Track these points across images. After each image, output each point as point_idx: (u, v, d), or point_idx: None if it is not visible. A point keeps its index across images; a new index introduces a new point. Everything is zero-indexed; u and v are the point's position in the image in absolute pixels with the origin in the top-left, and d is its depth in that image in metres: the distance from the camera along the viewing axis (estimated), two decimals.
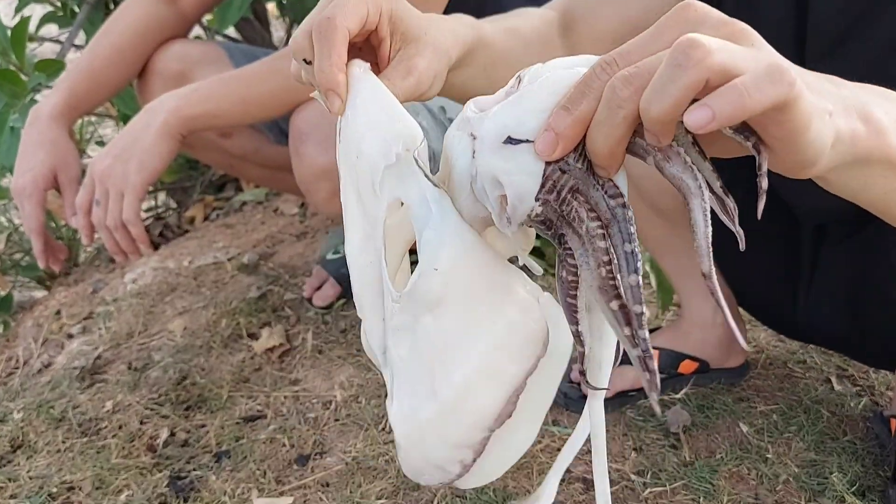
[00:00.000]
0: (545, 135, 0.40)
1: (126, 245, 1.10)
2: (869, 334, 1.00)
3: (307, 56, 0.52)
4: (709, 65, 0.36)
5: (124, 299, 1.64)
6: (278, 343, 1.41)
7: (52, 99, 1.22)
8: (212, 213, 2.09)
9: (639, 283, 0.40)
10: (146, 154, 1.07)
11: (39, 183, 1.16)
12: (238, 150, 1.44)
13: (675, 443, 1.09)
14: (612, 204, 0.41)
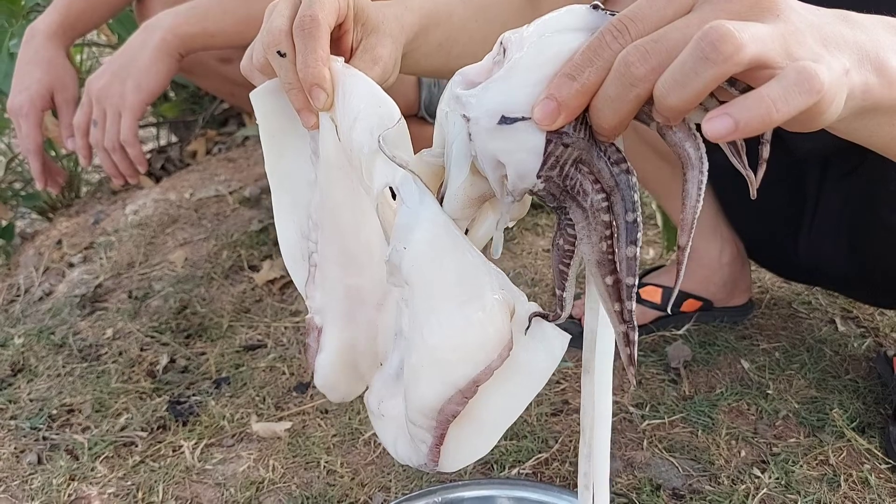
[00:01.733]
0: (545, 102, 0.38)
1: (124, 167, 1.09)
2: (870, 269, 0.99)
3: (283, 49, 0.52)
4: (738, 61, 0.33)
5: (125, 230, 1.63)
6: (279, 275, 1.40)
7: (48, 17, 1.19)
8: (214, 147, 2.07)
9: (636, 255, 0.39)
10: (143, 73, 1.05)
11: (36, 102, 1.13)
12: (239, 76, 1.40)
13: (675, 377, 1.08)
14: (615, 171, 0.40)
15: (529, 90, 0.38)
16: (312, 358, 0.56)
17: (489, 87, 0.40)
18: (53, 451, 1.05)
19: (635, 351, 0.42)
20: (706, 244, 1.14)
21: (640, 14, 0.37)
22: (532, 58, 0.39)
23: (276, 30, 0.52)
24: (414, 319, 0.45)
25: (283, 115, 0.54)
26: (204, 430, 1.05)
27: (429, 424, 0.46)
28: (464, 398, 0.44)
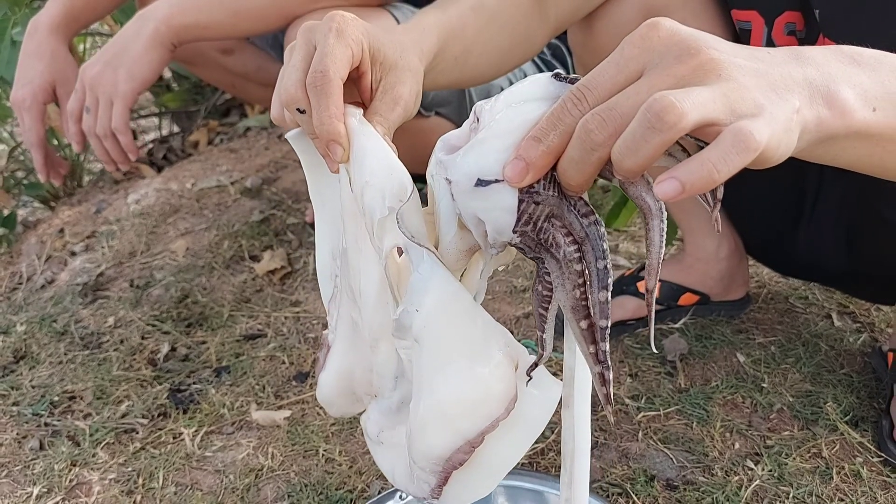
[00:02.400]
0: (515, 163, 0.41)
1: (116, 154, 1.09)
2: (867, 264, 1.00)
3: (301, 105, 0.53)
4: (682, 128, 0.36)
5: (127, 219, 1.64)
6: (280, 266, 1.41)
7: (50, 9, 1.19)
8: (216, 137, 2.07)
9: (607, 300, 0.42)
10: (136, 63, 1.05)
11: (38, 96, 1.14)
12: (240, 67, 1.42)
13: (671, 370, 1.09)
14: (585, 223, 0.43)
15: (501, 155, 0.42)
16: (318, 372, 0.60)
17: (466, 153, 0.44)
18: (55, 437, 1.06)
19: (611, 390, 0.45)
20: (704, 239, 1.15)
21: (596, 82, 0.40)
22: (502, 126, 0.43)
23: (290, 88, 0.53)
24: (421, 374, 0.48)
25: (311, 150, 0.57)
26: (204, 418, 1.06)
27: (434, 469, 0.48)
28: (471, 448, 0.47)
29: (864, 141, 0.43)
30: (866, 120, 0.42)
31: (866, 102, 0.42)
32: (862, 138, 0.43)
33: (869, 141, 0.43)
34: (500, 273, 1.36)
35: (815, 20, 0.86)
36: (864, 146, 0.44)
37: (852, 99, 0.41)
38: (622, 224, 1.46)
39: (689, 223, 1.15)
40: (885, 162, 0.45)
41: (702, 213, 1.14)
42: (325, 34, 0.54)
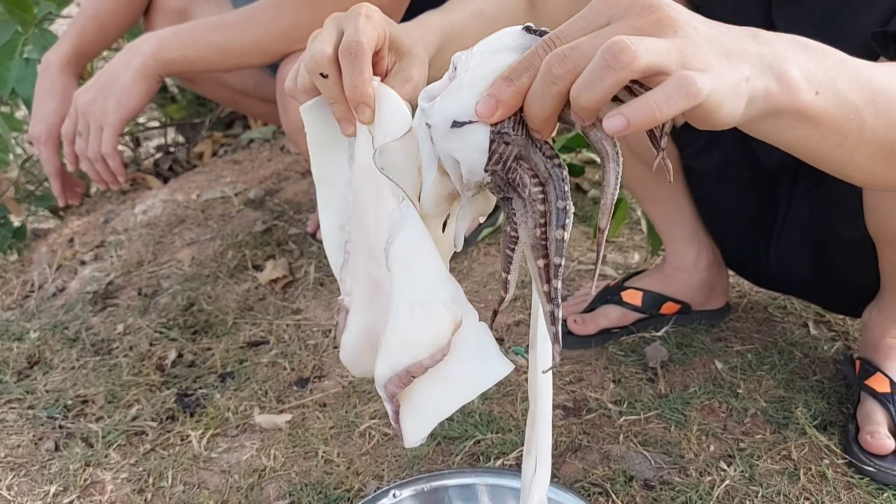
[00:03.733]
0: (487, 100, 0.45)
1: (106, 175, 1.16)
2: (830, 279, 1.06)
3: (326, 71, 0.58)
4: (634, 69, 0.41)
5: (135, 230, 1.70)
6: (282, 275, 1.47)
7: (61, 47, 1.27)
8: (220, 149, 2.14)
9: (563, 238, 0.46)
10: (125, 93, 1.12)
11: (53, 130, 1.22)
12: (239, 84, 1.48)
13: (653, 377, 1.15)
14: (549, 165, 0.47)
15: (474, 98, 0.46)
16: (340, 335, 0.64)
17: (444, 98, 0.48)
18: (69, 438, 1.12)
19: (559, 328, 0.48)
20: (684, 249, 1.21)
21: (565, 32, 0.45)
22: (475, 72, 0.47)
23: (319, 55, 0.58)
24: (389, 304, 0.54)
25: (327, 125, 0.62)
26: (210, 421, 1.13)
27: (384, 395, 0.55)
28: (401, 382, 0.53)
29: (804, 123, 0.47)
30: (808, 101, 0.46)
31: (811, 85, 0.46)
32: (802, 119, 0.47)
33: (808, 123, 0.47)
34: (493, 284, 1.42)
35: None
36: (803, 128, 0.48)
37: (799, 78, 0.45)
38: (611, 234, 1.52)
39: (671, 233, 1.21)
40: (820, 147, 0.49)
41: (682, 223, 1.20)
42: (356, 18, 0.59)
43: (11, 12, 1.35)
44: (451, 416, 1.06)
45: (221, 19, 1.17)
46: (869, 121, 0.49)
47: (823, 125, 0.48)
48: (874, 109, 0.49)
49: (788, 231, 1.08)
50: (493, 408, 1.11)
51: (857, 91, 0.48)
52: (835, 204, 0.99)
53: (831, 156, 0.51)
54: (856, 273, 1.05)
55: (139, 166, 2.10)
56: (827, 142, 0.49)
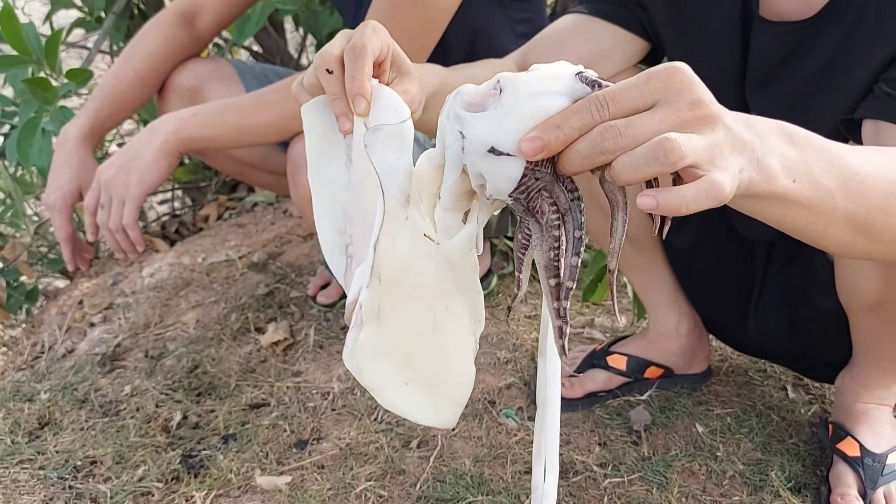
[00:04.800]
0: (534, 140, 0.49)
1: (125, 245, 1.23)
2: (806, 347, 1.12)
3: (331, 67, 0.64)
4: (678, 166, 0.47)
5: (142, 292, 1.77)
6: (283, 337, 1.54)
7: (78, 121, 1.35)
8: (225, 212, 2.22)
9: (577, 264, 0.52)
10: (146, 169, 1.20)
11: (67, 199, 1.30)
12: (247, 157, 1.56)
13: (637, 440, 1.21)
14: (570, 197, 0.52)
15: (517, 134, 0.50)
16: (357, 330, 0.62)
17: (486, 121, 0.51)
18: (79, 499, 1.17)
19: (566, 342, 0.53)
20: (665, 316, 1.28)
21: (620, 97, 0.49)
22: (525, 111, 0.50)
23: (328, 54, 0.65)
24: None
25: (326, 127, 0.66)
26: (213, 483, 1.18)
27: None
28: None
29: (782, 203, 0.54)
30: (785, 188, 0.53)
31: (789, 174, 0.53)
32: (780, 201, 0.54)
33: (785, 204, 0.54)
34: (484, 345, 1.48)
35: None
36: (780, 207, 0.55)
37: (778, 169, 0.52)
38: (599, 299, 1.58)
39: (652, 300, 1.28)
40: (795, 223, 0.57)
41: (662, 291, 1.26)
42: (364, 28, 0.66)
43: (34, 92, 1.44)
44: (444, 478, 1.12)
45: (238, 101, 1.25)
46: (841, 202, 0.56)
47: (799, 206, 0.55)
48: (846, 192, 0.56)
49: (765, 302, 1.15)
50: (485, 469, 1.16)
51: (831, 176, 0.56)
52: (810, 276, 1.06)
53: (807, 230, 0.58)
54: (830, 341, 1.12)
55: (146, 229, 2.17)
56: (803, 219, 0.56)
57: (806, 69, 0.93)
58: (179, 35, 1.46)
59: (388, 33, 0.68)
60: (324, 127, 0.66)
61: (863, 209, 0.58)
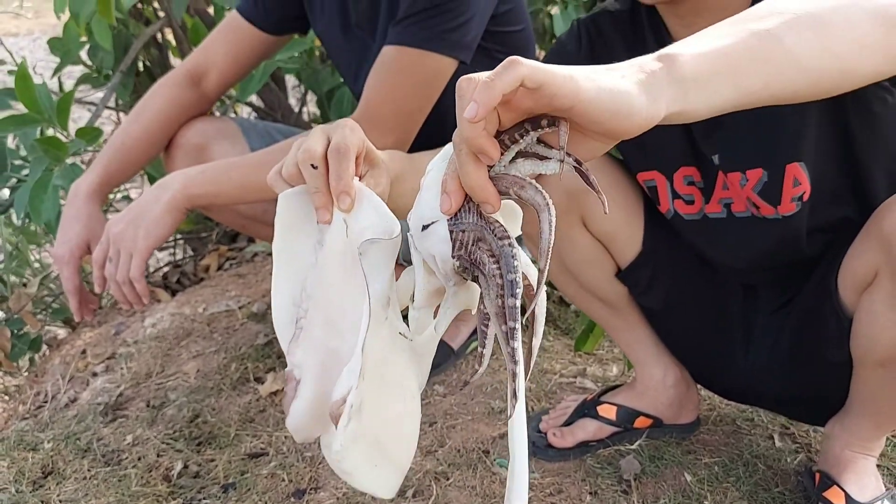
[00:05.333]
0: (442, 197, 0.57)
1: (131, 297, 1.28)
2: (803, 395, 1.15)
3: (316, 163, 0.70)
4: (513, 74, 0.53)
5: (144, 342, 1.81)
6: (281, 387, 1.57)
7: (88, 177, 1.41)
8: (225, 262, 2.26)
9: (516, 305, 0.55)
10: (154, 224, 1.25)
11: (75, 252, 1.35)
12: (249, 211, 1.61)
13: (627, 489, 1.24)
14: (500, 244, 0.56)
15: (431, 202, 0.59)
16: (288, 403, 0.68)
17: (413, 210, 0.61)
18: None
19: (519, 384, 0.54)
20: (651, 369, 1.32)
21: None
22: (427, 185, 0.59)
23: (312, 150, 0.70)
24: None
25: (300, 213, 0.71)
26: None
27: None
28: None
29: (718, 75, 0.58)
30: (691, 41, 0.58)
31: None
32: (711, 67, 0.58)
33: (720, 74, 0.58)
34: (481, 396, 1.52)
35: (713, 165, 1.06)
36: (722, 80, 0.58)
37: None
38: (590, 348, 1.62)
39: (636, 356, 1.32)
40: (762, 79, 0.59)
41: (644, 348, 1.31)
42: (343, 128, 0.72)
43: (47, 151, 1.50)
44: None
45: (243, 160, 1.31)
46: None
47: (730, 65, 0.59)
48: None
49: (755, 353, 1.18)
50: None
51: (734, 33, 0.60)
52: (819, 328, 1.08)
53: (789, 78, 0.61)
54: (829, 390, 1.14)
55: (149, 279, 2.22)
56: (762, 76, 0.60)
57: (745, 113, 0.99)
58: (187, 95, 1.53)
59: (363, 132, 0.74)
60: (298, 212, 0.72)
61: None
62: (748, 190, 1.04)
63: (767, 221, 1.06)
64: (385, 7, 1.37)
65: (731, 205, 1.10)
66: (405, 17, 1.27)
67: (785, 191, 1.02)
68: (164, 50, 2.33)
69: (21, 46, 8.87)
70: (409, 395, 0.67)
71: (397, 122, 1.33)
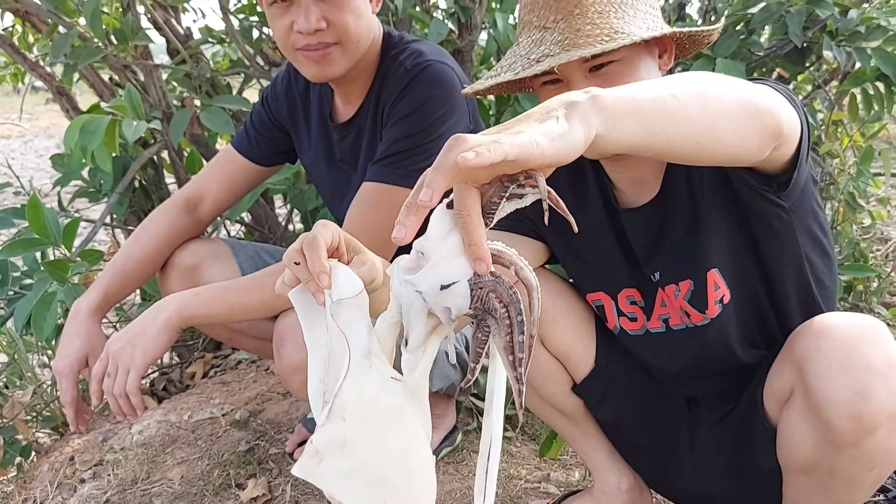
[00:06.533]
0: (478, 263, 0.68)
1: (126, 409, 1.39)
2: (747, 499, 1.27)
3: (297, 260, 0.83)
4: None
5: (131, 448, 1.89)
6: (261, 493, 1.66)
7: (89, 296, 1.54)
8: (210, 370, 2.37)
9: (523, 340, 0.69)
10: (150, 342, 1.37)
11: (74, 366, 1.46)
12: (235, 325, 1.74)
13: None
14: (510, 292, 0.69)
15: (450, 268, 0.70)
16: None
17: (428, 273, 0.70)
18: None
19: (523, 400, 0.70)
20: (607, 476, 1.43)
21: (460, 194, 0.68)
22: (442, 252, 0.70)
23: (292, 251, 0.83)
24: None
25: (308, 303, 0.84)
26: None
27: None
28: None
29: (632, 115, 0.73)
30: (611, 90, 0.72)
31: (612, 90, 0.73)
32: (629, 109, 0.73)
33: (634, 115, 0.73)
34: (450, 501, 1.61)
35: (653, 284, 1.21)
36: (635, 119, 0.73)
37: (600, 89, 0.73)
38: (554, 454, 1.73)
39: (592, 464, 1.44)
40: (664, 131, 0.77)
41: (599, 456, 1.43)
42: (315, 227, 0.85)
43: (52, 273, 1.64)
44: None
45: (235, 283, 1.44)
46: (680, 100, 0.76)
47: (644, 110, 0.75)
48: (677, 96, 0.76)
49: (700, 462, 1.30)
50: None
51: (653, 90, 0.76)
52: (750, 438, 1.21)
53: (677, 130, 0.77)
54: (768, 496, 1.25)
55: None
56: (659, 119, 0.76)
57: (678, 226, 1.17)
58: (184, 220, 1.68)
59: (336, 227, 0.88)
60: (307, 304, 0.85)
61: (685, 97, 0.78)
62: (681, 299, 1.20)
63: (698, 329, 1.21)
64: (365, 147, 1.55)
65: (668, 320, 1.24)
66: (381, 158, 1.45)
67: (709, 295, 1.18)
68: (160, 169, 2.50)
69: (13, 149, 9.13)
70: (413, 434, 0.76)
71: (375, 248, 1.48)
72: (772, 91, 0.91)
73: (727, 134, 0.83)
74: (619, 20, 1.07)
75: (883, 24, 2.04)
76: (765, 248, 1.14)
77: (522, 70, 1.06)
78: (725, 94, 0.83)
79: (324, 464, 0.73)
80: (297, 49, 1.41)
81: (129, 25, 2.20)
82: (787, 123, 0.90)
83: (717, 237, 1.15)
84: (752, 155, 0.88)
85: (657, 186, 1.18)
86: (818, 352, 1.00)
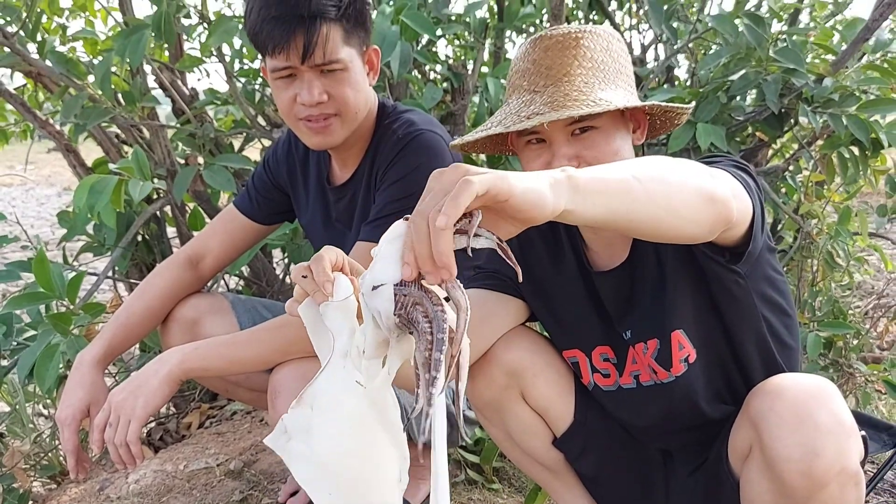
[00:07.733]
0: (404, 268, 0.72)
1: (126, 458, 1.44)
2: None
3: (305, 273, 0.90)
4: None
5: (127, 498, 1.93)
6: None
7: (93, 348, 1.60)
8: (206, 420, 2.42)
9: (440, 358, 0.70)
10: (151, 394, 1.43)
11: (76, 416, 1.52)
12: (233, 378, 1.80)
13: None
14: (434, 309, 0.71)
15: (384, 269, 0.74)
16: None
17: (367, 273, 0.75)
18: None
19: (426, 425, 0.69)
20: None
21: (421, 206, 0.73)
22: (380, 255, 0.74)
23: (300, 266, 0.90)
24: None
25: (316, 317, 0.89)
26: None
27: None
28: None
29: (600, 192, 0.80)
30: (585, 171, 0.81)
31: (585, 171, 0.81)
32: (597, 187, 0.80)
33: (602, 193, 0.80)
34: None
35: (624, 342, 1.28)
36: (602, 196, 0.80)
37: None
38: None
39: None
40: (628, 207, 0.84)
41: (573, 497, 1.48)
42: (321, 249, 0.91)
43: (55, 325, 1.70)
44: None
45: (233, 338, 1.51)
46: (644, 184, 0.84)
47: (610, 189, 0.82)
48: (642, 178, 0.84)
49: None
50: None
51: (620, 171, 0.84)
52: (719, 490, 1.27)
53: (638, 211, 0.84)
54: None
55: None
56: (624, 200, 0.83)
57: (646, 288, 1.25)
58: (185, 276, 1.75)
59: (341, 251, 0.94)
60: (314, 317, 0.91)
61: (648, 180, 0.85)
62: (649, 357, 1.27)
63: (665, 386, 1.28)
64: (359, 208, 1.64)
65: (639, 376, 1.31)
66: (374, 219, 1.53)
67: (674, 354, 1.25)
68: (162, 223, 2.58)
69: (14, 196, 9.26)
70: (373, 443, 0.82)
71: None
72: (729, 179, 1.00)
73: (682, 219, 0.91)
74: (603, 91, 1.17)
75: (856, 93, 2.15)
76: (725, 311, 1.22)
77: (513, 125, 1.16)
78: (686, 182, 0.92)
79: (291, 443, 0.83)
80: (299, 119, 1.50)
81: (137, 87, 2.30)
82: (736, 213, 0.99)
83: (681, 300, 1.22)
84: (703, 237, 0.97)
85: (627, 250, 1.26)
86: (771, 411, 1.07)
